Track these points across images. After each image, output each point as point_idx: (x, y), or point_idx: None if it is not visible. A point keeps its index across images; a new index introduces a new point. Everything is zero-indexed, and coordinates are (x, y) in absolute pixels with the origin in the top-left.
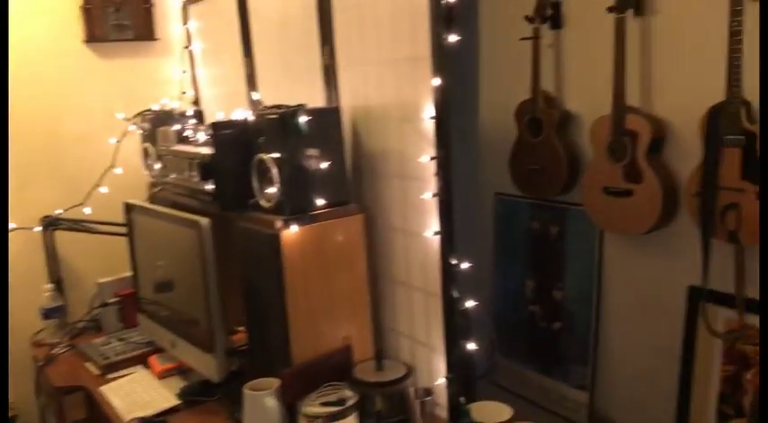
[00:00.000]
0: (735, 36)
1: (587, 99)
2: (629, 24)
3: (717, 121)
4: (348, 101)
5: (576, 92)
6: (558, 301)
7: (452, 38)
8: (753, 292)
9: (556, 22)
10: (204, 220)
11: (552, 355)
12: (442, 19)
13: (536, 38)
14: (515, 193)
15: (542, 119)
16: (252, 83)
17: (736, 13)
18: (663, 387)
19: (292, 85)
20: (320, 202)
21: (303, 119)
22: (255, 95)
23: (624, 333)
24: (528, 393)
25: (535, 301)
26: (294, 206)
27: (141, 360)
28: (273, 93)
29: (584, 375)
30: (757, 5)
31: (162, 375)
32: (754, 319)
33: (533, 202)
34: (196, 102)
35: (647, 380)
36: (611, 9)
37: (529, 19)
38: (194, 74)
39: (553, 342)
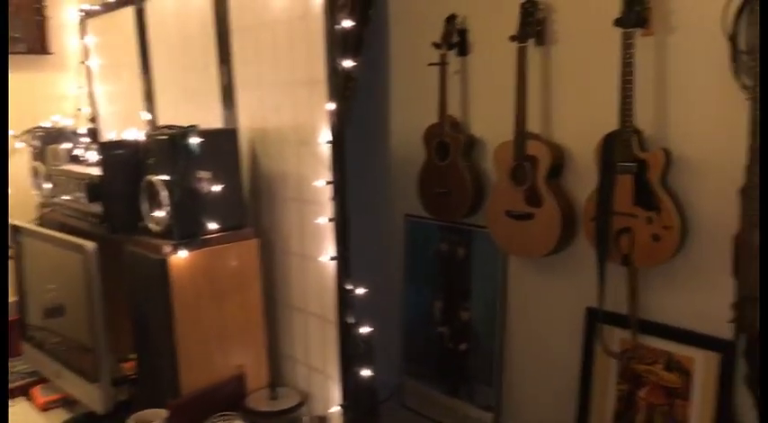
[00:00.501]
0: (627, 67)
1: (491, 124)
2: (530, 53)
3: (610, 149)
4: (246, 122)
5: (480, 117)
6: (465, 321)
7: (347, 63)
8: (645, 313)
9: (462, 48)
10: (90, 245)
11: (459, 375)
12: (338, 44)
13: (443, 64)
14: (425, 215)
15: (449, 143)
16: (150, 101)
17: (627, 46)
18: (564, 406)
19: (191, 104)
20: (213, 225)
21: (195, 140)
22: (146, 115)
23: (528, 353)
24: (434, 414)
25: (443, 322)
26: (184, 230)
27: (23, 392)
28: (173, 112)
29: (489, 395)
30: (647, 40)
31: (45, 407)
32: (647, 340)
33: (442, 224)
34: (93, 119)
35: (549, 399)
36: (513, 38)
37: (436, 45)
38: (91, 90)
39: (460, 363)
